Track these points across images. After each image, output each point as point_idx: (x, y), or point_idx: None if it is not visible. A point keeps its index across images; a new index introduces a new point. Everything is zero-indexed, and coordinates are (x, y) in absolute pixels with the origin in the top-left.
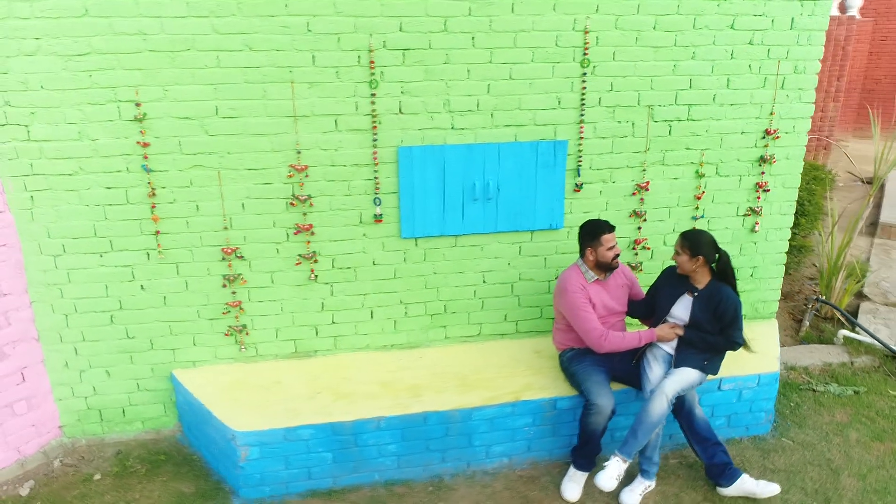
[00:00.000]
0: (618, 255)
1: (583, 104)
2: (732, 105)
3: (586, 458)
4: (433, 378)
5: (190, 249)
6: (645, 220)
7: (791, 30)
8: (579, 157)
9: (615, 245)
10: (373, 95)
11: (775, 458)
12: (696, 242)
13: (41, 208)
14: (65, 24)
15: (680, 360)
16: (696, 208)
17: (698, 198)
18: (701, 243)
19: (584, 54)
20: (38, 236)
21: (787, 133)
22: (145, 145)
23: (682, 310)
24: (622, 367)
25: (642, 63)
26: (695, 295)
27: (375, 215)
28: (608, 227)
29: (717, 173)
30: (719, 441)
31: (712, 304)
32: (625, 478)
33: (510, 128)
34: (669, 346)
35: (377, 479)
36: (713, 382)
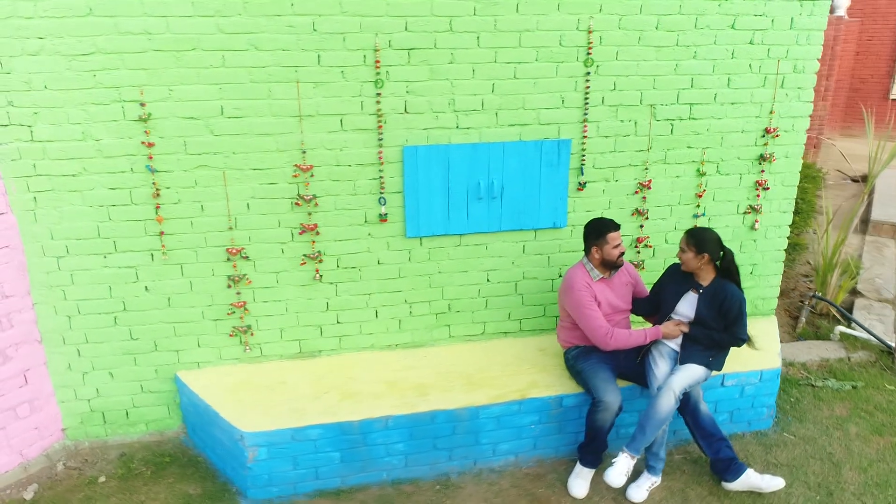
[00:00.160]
0: (623, 254)
1: (586, 103)
2: (733, 104)
3: (593, 455)
4: (439, 377)
5: (194, 250)
6: (647, 219)
7: (790, 29)
8: (583, 155)
9: (620, 243)
10: (378, 95)
11: (777, 452)
12: (702, 240)
13: (44, 209)
14: (69, 23)
15: (685, 357)
16: (697, 206)
17: (699, 196)
18: (706, 241)
19: (588, 54)
20: (40, 238)
21: (786, 132)
22: (150, 145)
23: (686, 307)
24: (627, 364)
25: (645, 62)
26: (699, 292)
27: (380, 215)
28: (614, 225)
29: (717, 172)
30: (724, 436)
31: (717, 300)
32: (631, 474)
33: (514, 127)
34: (674, 343)
35: (385, 478)
36: (716, 379)
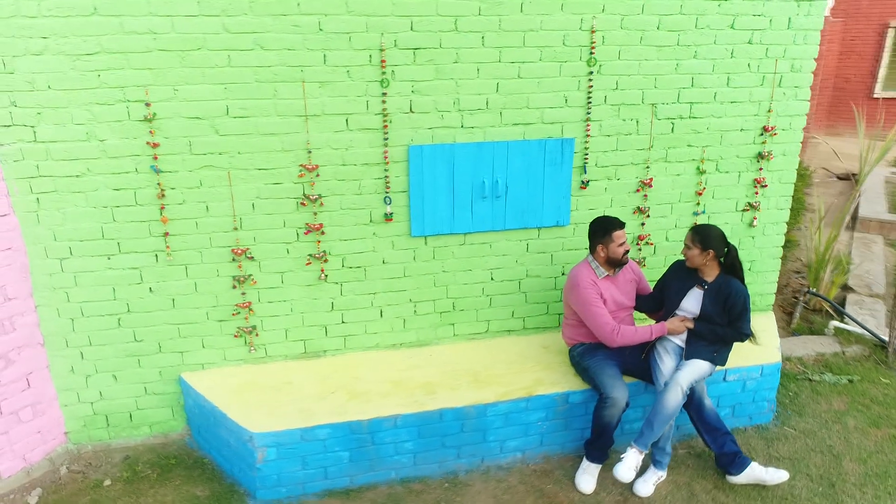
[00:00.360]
0: (628, 251)
1: (589, 102)
2: (732, 103)
3: (600, 451)
4: (445, 375)
5: (199, 251)
6: (648, 217)
7: (788, 29)
8: (585, 154)
9: (625, 241)
10: (384, 94)
11: (779, 446)
12: (707, 236)
13: (47, 211)
14: (73, 22)
15: (691, 353)
16: (697, 204)
17: (699, 194)
18: (711, 237)
19: (591, 53)
20: (43, 239)
21: (783, 130)
22: (155, 146)
23: (691, 303)
24: (632, 360)
25: (646, 62)
26: (704, 288)
27: (386, 214)
28: (619, 223)
29: (717, 170)
30: (728, 430)
31: (722, 296)
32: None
33: (518, 126)
34: (679, 339)
35: (393, 477)
36: (718, 374)
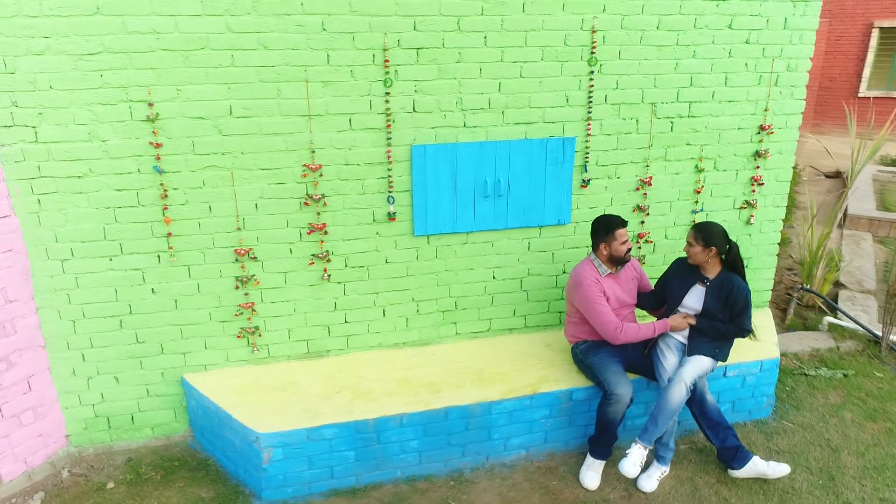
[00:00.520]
0: (630, 250)
1: (590, 102)
2: (730, 102)
3: (604, 447)
4: (449, 374)
5: (202, 251)
6: (648, 215)
7: (784, 29)
8: (586, 153)
9: (627, 240)
10: (387, 94)
11: (778, 440)
12: (709, 234)
13: (48, 212)
14: (75, 22)
15: (693, 349)
16: (695, 202)
17: (698, 192)
18: (713, 234)
19: (592, 53)
20: (44, 241)
21: (780, 128)
22: (158, 146)
23: (694, 300)
24: (634, 357)
25: (646, 61)
26: (706, 285)
27: (389, 213)
28: (621, 222)
29: (715, 168)
30: (729, 425)
31: (724, 293)
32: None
33: (520, 125)
34: (681, 336)
35: (399, 476)
36: (719, 369)
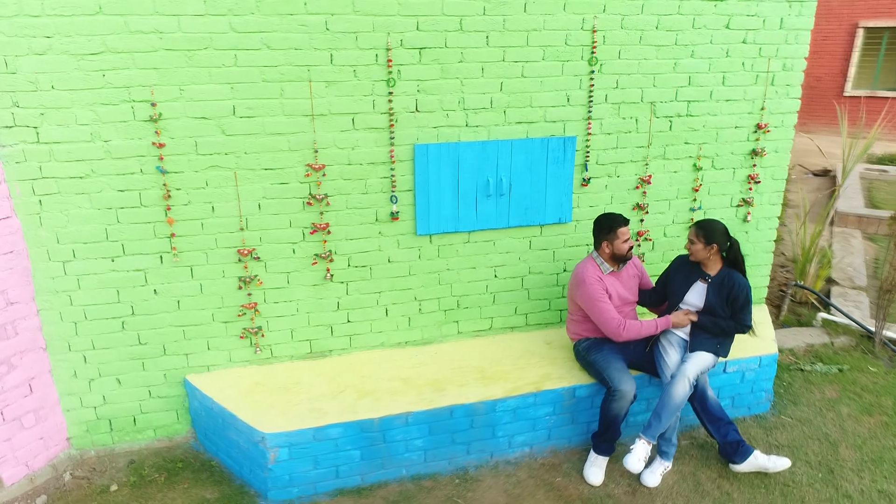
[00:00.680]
0: (632, 247)
1: (590, 101)
2: (727, 101)
3: (607, 444)
4: (453, 372)
5: (205, 252)
6: (647, 213)
7: (780, 29)
8: (587, 152)
9: (629, 237)
10: (390, 94)
11: (778, 434)
12: (711, 231)
13: (50, 213)
14: (78, 21)
15: (695, 345)
16: (693, 200)
17: (696, 190)
18: (715, 232)
19: (592, 53)
20: (46, 242)
21: (776, 127)
22: (160, 146)
23: (695, 296)
24: (636, 354)
25: (645, 61)
26: (708, 282)
27: (392, 213)
28: (623, 220)
29: (712, 166)
30: (730, 420)
31: (725, 289)
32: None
33: (522, 125)
34: (683, 332)
35: (404, 475)
36: (719, 365)
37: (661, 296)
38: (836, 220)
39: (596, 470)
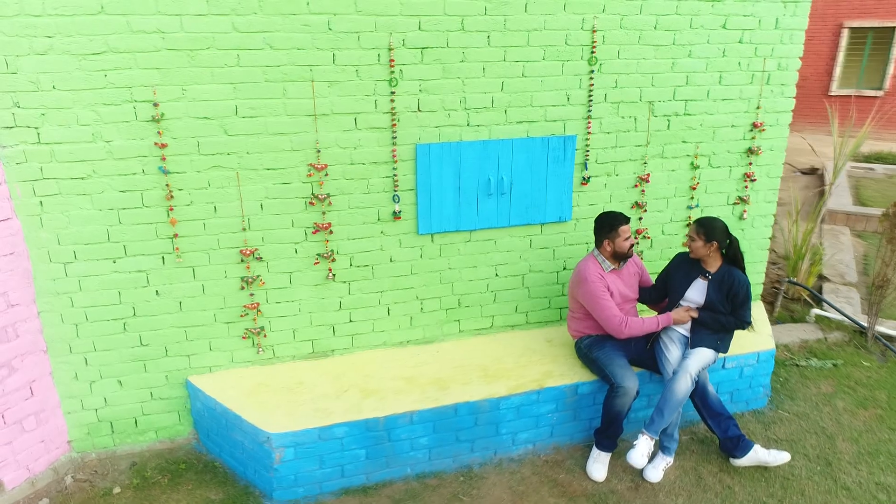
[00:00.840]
0: (633, 245)
1: (590, 100)
2: (724, 100)
3: (610, 440)
4: (455, 371)
5: (207, 252)
6: (646, 211)
7: (775, 29)
8: (586, 151)
9: (630, 235)
10: (392, 93)
11: (776, 429)
12: (711, 229)
13: (50, 214)
14: (79, 21)
15: (696, 341)
16: (691, 198)
17: (693, 188)
18: (715, 229)
19: (592, 52)
20: (47, 243)
21: (771, 126)
22: (163, 146)
23: (696, 293)
24: (637, 350)
25: (644, 61)
26: (708, 278)
27: (394, 212)
28: (624, 218)
29: (709, 165)
30: (731, 415)
31: (725, 286)
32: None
33: (522, 124)
34: (684, 329)
35: (409, 473)
36: (718, 361)
37: (661, 293)
38: (825, 217)
39: (599, 466)
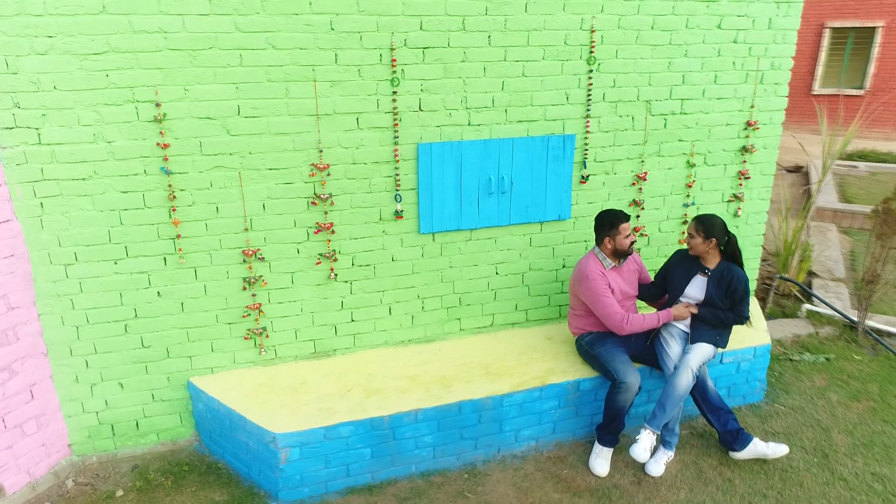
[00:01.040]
0: (633, 243)
1: (589, 100)
2: (719, 99)
3: (612, 435)
4: (458, 369)
5: (209, 253)
6: (643, 209)
7: (769, 29)
8: (585, 150)
9: (630, 233)
10: (394, 93)
11: (773, 422)
12: (710, 226)
13: (51, 215)
14: (81, 21)
15: (696, 337)
16: (687, 196)
17: (689, 186)
18: (714, 226)
19: (591, 52)
20: (47, 245)
21: (765, 124)
22: (165, 147)
23: (696, 289)
24: (637, 347)
25: (641, 60)
26: (707, 275)
27: (396, 211)
28: (625, 216)
29: (705, 163)
30: (730, 409)
31: (724, 282)
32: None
33: (522, 123)
34: (683, 325)
35: (413, 471)
36: (717, 356)
37: (660, 289)
38: (812, 214)
39: (601, 461)
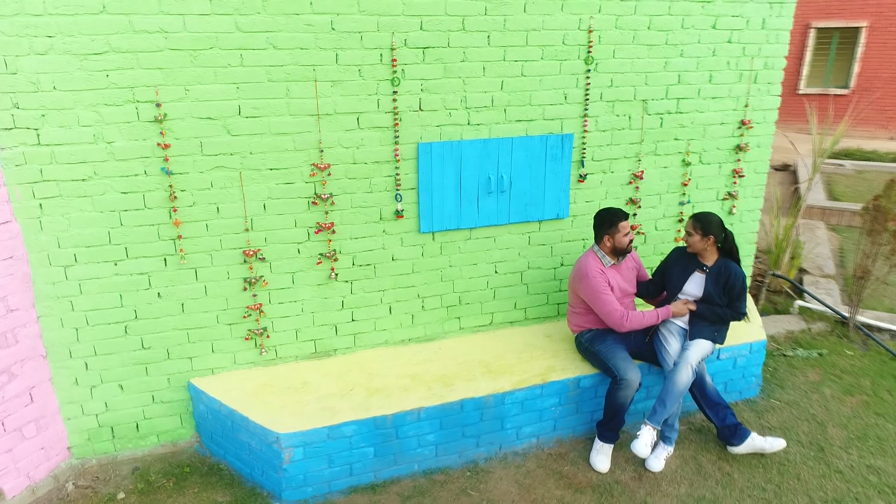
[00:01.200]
0: (632, 241)
1: (586, 99)
2: (714, 98)
3: (612, 432)
4: (459, 367)
5: (209, 253)
6: (640, 207)
7: (762, 29)
8: (583, 149)
9: (629, 231)
10: (394, 93)
11: (769, 417)
12: (708, 223)
13: (50, 217)
14: (81, 21)
15: (694, 333)
16: (682, 194)
17: (685, 184)
18: (711, 224)
19: (589, 52)
20: (46, 247)
21: (758, 123)
22: (165, 147)
23: (694, 286)
24: (637, 343)
25: (638, 60)
26: (706, 272)
27: (397, 211)
28: (624, 214)
29: (700, 161)
30: (727, 405)
31: (722, 278)
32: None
33: (521, 123)
34: (682, 321)
35: (416, 470)
36: (714, 352)
37: (658, 287)
38: (801, 211)
39: (602, 457)
